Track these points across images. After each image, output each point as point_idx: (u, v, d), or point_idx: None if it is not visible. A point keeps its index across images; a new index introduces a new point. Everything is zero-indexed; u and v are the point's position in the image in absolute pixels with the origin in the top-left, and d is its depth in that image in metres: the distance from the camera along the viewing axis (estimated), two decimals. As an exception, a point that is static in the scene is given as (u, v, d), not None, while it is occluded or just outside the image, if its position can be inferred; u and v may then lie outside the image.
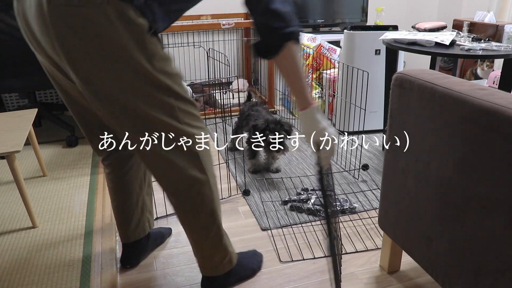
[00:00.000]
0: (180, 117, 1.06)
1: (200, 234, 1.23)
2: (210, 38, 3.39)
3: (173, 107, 1.05)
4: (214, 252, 1.27)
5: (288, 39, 1.01)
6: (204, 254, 1.27)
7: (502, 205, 0.88)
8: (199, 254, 1.28)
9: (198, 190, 1.14)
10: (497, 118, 0.87)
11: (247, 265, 1.43)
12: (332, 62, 3.00)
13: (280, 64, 1.07)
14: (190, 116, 1.09)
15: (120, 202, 1.40)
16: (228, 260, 1.32)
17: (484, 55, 1.82)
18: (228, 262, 1.32)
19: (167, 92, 1.03)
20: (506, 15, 2.99)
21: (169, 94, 1.03)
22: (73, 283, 1.41)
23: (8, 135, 1.72)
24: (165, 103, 1.03)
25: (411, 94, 1.13)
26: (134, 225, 1.44)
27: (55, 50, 0.96)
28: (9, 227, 1.74)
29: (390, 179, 1.28)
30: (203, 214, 1.18)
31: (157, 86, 1.00)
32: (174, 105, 1.05)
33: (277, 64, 1.08)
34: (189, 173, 1.11)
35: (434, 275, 1.13)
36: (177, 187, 1.14)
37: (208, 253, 1.27)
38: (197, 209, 1.17)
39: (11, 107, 3.03)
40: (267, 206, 1.87)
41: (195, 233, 1.23)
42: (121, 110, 1.01)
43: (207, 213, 1.19)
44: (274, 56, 1.03)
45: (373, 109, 2.64)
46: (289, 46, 1.01)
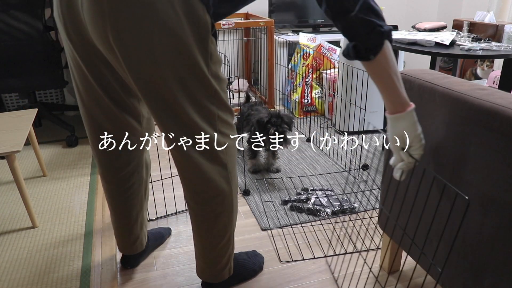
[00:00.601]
0: (217, 126, 1.04)
1: (211, 241, 1.21)
2: (210, 38, 3.39)
3: (214, 115, 1.02)
4: (220, 260, 1.26)
5: (387, 37, 0.93)
6: (209, 261, 1.25)
7: (502, 205, 0.88)
8: (204, 260, 1.25)
9: (221, 200, 1.13)
10: (497, 118, 0.87)
11: (248, 266, 1.42)
12: (332, 62, 3.00)
13: (378, 65, 0.95)
14: (226, 126, 1.07)
15: (120, 218, 1.35)
16: (228, 269, 1.31)
17: (484, 55, 1.82)
18: (228, 271, 1.31)
19: (213, 98, 1.00)
20: (506, 15, 2.99)
21: (214, 101, 1.01)
22: (73, 283, 1.41)
23: (8, 135, 1.72)
24: (208, 110, 1.01)
25: (411, 94, 1.13)
26: (133, 241, 1.42)
27: (106, 39, 0.90)
28: (9, 227, 1.74)
29: (390, 179, 1.28)
30: (221, 223, 1.18)
31: (206, 91, 0.98)
32: (215, 113, 1.02)
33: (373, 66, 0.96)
34: (216, 184, 1.10)
35: (434, 275, 1.13)
36: (203, 196, 1.12)
37: (214, 260, 1.25)
38: (216, 218, 1.16)
39: (11, 107, 3.04)
40: (267, 206, 1.88)
41: (207, 240, 1.20)
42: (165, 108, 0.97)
43: (225, 223, 1.18)
44: (375, 56, 0.93)
45: (373, 109, 2.64)
46: (388, 45, 0.93)
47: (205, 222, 1.17)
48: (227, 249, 1.25)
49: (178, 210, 1.85)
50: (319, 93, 3.06)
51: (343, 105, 2.63)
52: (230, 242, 1.25)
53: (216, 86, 0.99)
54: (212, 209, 1.14)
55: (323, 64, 3.02)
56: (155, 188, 2.02)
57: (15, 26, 2.27)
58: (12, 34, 2.28)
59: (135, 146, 1.25)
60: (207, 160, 1.07)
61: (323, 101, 3.05)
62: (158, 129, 1.13)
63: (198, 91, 0.97)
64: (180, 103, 0.97)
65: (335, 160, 2.32)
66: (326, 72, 2.95)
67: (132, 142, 1.23)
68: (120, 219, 1.36)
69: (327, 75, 2.92)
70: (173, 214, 1.82)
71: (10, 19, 2.25)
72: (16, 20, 2.24)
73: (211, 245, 1.21)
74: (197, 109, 0.99)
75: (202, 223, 1.17)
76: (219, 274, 1.28)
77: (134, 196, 1.33)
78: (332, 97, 2.89)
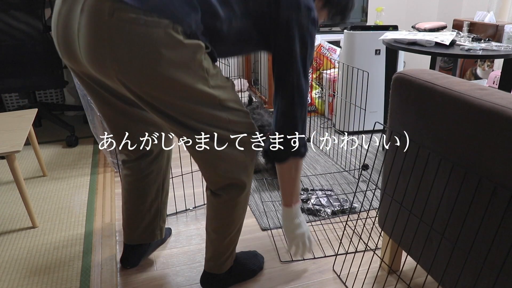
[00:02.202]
0: (230, 128, 1.11)
1: (222, 233, 1.26)
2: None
3: (224, 120, 1.09)
4: (225, 251, 1.30)
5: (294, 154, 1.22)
6: (216, 251, 1.30)
7: (502, 204, 0.88)
8: (211, 250, 1.30)
9: (241, 190, 1.21)
10: (497, 118, 0.87)
11: (248, 266, 1.43)
12: (332, 62, 3.00)
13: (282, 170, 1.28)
14: (240, 125, 1.13)
15: (133, 205, 1.40)
16: (231, 260, 1.35)
17: (484, 55, 1.82)
18: (230, 262, 1.35)
19: (220, 106, 1.07)
20: (506, 15, 2.99)
21: (222, 108, 1.07)
22: (73, 283, 1.41)
23: (8, 135, 1.72)
24: (219, 118, 1.07)
25: (411, 94, 1.13)
26: (142, 230, 1.44)
27: (103, 62, 0.95)
28: (9, 227, 1.74)
29: (390, 179, 1.28)
30: (235, 215, 1.25)
31: (212, 102, 1.04)
32: (226, 118, 1.09)
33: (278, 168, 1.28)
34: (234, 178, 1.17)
35: (434, 275, 1.13)
36: (221, 190, 1.19)
37: (221, 251, 1.30)
38: (230, 212, 1.23)
39: (11, 107, 3.04)
40: (267, 206, 1.88)
41: (218, 231, 1.26)
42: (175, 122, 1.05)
43: (239, 213, 1.26)
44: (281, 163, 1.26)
45: (373, 109, 2.65)
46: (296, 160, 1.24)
47: (220, 215, 1.23)
48: (235, 239, 1.32)
49: (178, 210, 1.85)
50: (319, 93, 3.06)
51: (343, 105, 2.64)
52: (239, 233, 1.32)
53: (220, 95, 1.06)
54: (231, 197, 1.21)
55: (323, 64, 3.02)
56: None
57: (15, 26, 2.27)
58: (12, 34, 2.28)
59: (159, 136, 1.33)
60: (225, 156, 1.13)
61: (323, 101, 3.05)
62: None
63: (203, 106, 1.04)
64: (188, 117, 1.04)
65: (335, 160, 2.32)
66: (326, 72, 2.95)
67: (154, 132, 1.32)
68: (134, 205, 1.40)
69: (327, 75, 2.92)
70: (173, 214, 1.82)
71: (10, 19, 2.25)
72: (16, 20, 2.24)
73: (221, 236, 1.27)
74: (207, 120, 1.06)
75: (217, 215, 1.24)
76: (223, 264, 1.33)
77: (151, 184, 1.39)
78: (332, 97, 2.89)
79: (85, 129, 2.78)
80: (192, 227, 1.73)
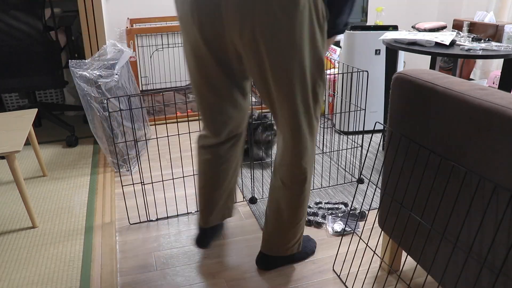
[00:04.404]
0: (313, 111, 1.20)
1: (293, 220, 1.34)
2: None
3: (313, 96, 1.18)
4: (293, 237, 1.39)
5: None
6: (285, 237, 1.38)
7: (502, 204, 0.88)
8: (279, 236, 1.38)
9: (309, 182, 1.31)
10: (497, 118, 0.87)
11: (302, 248, 1.50)
12: (332, 62, 3.00)
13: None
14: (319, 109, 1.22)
15: (212, 189, 1.44)
16: (298, 246, 1.44)
17: (484, 55, 1.82)
18: (297, 247, 1.45)
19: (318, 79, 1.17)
20: (505, 15, 2.99)
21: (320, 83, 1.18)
22: (73, 283, 1.41)
23: (8, 135, 1.72)
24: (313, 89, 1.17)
25: (411, 94, 1.13)
26: (218, 211, 1.49)
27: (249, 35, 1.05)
28: (9, 227, 1.74)
29: (390, 179, 1.28)
30: (305, 203, 1.34)
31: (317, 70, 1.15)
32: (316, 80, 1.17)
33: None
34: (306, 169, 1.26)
35: (434, 275, 1.13)
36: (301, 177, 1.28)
37: (289, 237, 1.38)
38: (305, 199, 1.33)
39: (11, 107, 3.04)
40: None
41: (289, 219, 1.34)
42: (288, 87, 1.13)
43: (306, 203, 1.35)
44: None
45: (373, 109, 2.65)
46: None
47: (296, 201, 1.31)
48: (302, 228, 1.41)
49: (179, 211, 1.85)
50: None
51: (343, 105, 2.64)
52: (304, 221, 1.41)
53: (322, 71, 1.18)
54: (302, 189, 1.30)
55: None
56: (156, 188, 2.02)
57: (15, 26, 2.27)
58: (12, 34, 2.28)
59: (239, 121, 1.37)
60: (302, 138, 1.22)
61: (323, 101, 3.05)
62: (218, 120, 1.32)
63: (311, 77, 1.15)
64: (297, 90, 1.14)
65: (335, 160, 2.31)
66: (326, 72, 2.95)
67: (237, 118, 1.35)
68: (212, 190, 1.44)
69: (327, 75, 2.92)
70: (174, 216, 1.82)
71: (10, 19, 2.25)
72: (16, 20, 2.24)
73: (291, 223, 1.35)
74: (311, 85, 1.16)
75: (290, 203, 1.31)
76: (289, 249, 1.42)
77: (230, 168, 1.44)
78: (332, 97, 2.89)
79: (85, 129, 2.78)
80: (193, 227, 1.73)
